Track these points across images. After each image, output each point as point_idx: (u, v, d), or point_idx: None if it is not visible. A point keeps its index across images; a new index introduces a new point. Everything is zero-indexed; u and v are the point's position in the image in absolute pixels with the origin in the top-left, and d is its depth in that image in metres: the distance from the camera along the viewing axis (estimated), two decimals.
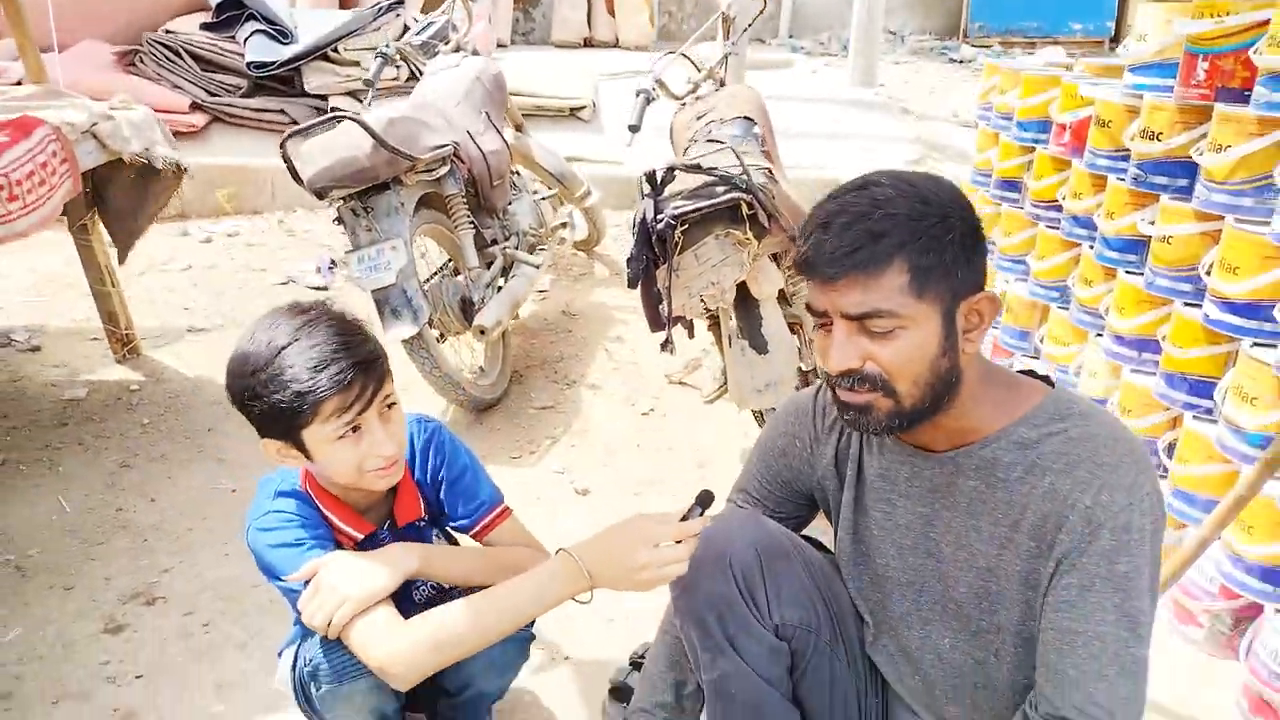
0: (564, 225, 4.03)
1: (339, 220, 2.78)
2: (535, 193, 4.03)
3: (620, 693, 1.83)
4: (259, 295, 4.17)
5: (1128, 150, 2.46)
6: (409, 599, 1.54)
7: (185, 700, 1.88)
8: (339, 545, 1.48)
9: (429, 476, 1.57)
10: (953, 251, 1.16)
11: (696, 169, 2.13)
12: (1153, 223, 2.34)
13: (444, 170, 3.05)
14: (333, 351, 1.35)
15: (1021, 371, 1.32)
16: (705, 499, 1.37)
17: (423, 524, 1.58)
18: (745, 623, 1.33)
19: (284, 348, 1.34)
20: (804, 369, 2.59)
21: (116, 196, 3.02)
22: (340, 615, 1.36)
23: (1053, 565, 1.18)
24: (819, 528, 1.52)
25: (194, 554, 2.34)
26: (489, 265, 3.35)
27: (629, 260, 2.14)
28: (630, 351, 3.70)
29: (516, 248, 3.56)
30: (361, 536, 1.51)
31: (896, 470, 1.32)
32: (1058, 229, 2.87)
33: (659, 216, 2.09)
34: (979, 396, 1.24)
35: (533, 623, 1.53)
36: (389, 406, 1.42)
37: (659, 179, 2.14)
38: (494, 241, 3.49)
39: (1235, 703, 1.96)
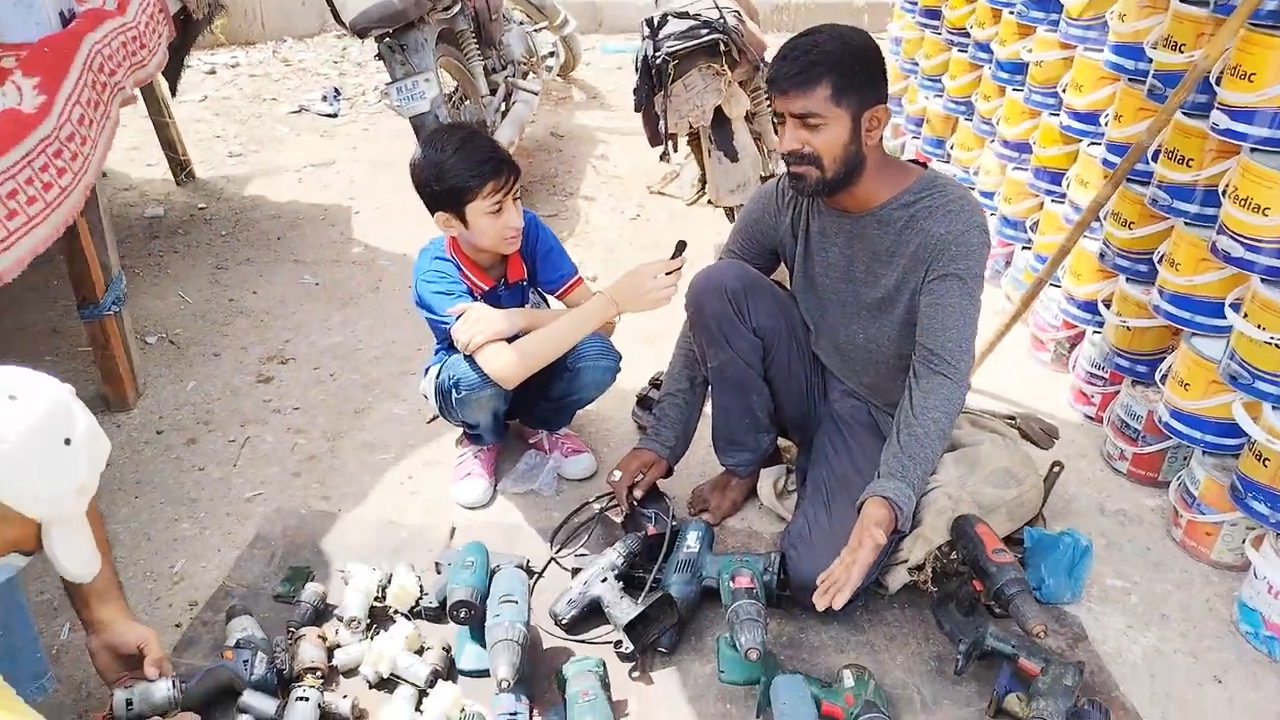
0: (551, 54, 4.54)
1: (379, 56, 3.31)
2: (521, 23, 4.51)
3: (643, 401, 2.64)
4: (278, 122, 4.67)
5: None
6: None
7: (334, 421, 2.64)
8: (472, 294, 2.19)
9: (527, 249, 2.27)
10: (860, 78, 1.84)
11: (685, 15, 2.73)
12: (1031, 50, 3.02)
13: (456, 9, 3.57)
14: (489, 152, 2.04)
15: (911, 160, 2.05)
16: (681, 246, 2.12)
17: (524, 284, 2.30)
18: (735, 327, 2.10)
19: (457, 149, 2.01)
20: (764, 175, 3.29)
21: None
22: (475, 341, 2.08)
23: (923, 273, 1.94)
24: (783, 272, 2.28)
25: (304, 329, 3.05)
26: (494, 92, 3.91)
27: (635, 90, 2.78)
28: (614, 167, 4.35)
29: (514, 76, 4.10)
30: (486, 288, 2.22)
31: (828, 227, 2.06)
32: (966, 53, 3.53)
33: (656, 54, 2.72)
34: (878, 177, 1.96)
35: (619, 357, 2.30)
36: (516, 198, 2.11)
37: (656, 24, 2.75)
38: (493, 70, 4.03)
39: (1066, 399, 2.84)
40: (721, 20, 2.73)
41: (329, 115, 4.77)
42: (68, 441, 1.27)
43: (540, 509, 2.34)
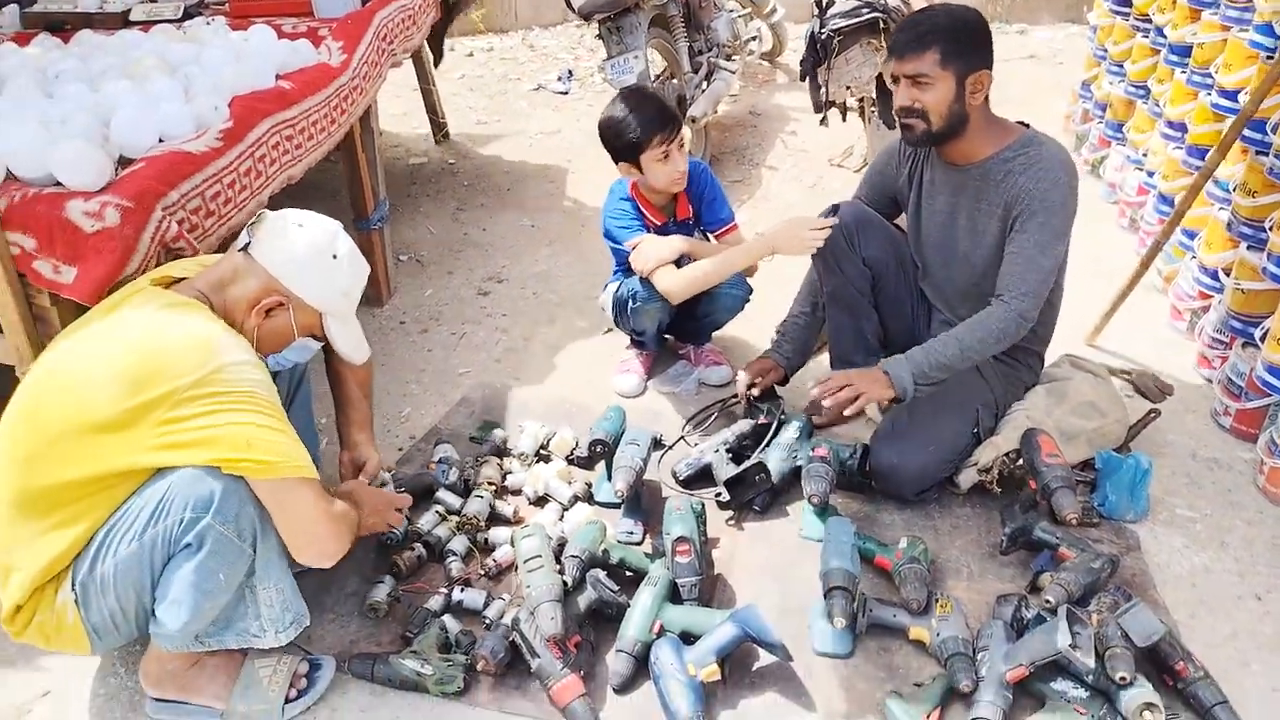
0: (754, 39, 5.00)
1: (599, 36, 3.93)
2: (731, 10, 5.00)
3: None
4: (519, 98, 5.46)
5: None
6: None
7: (530, 326, 3.28)
8: (647, 227, 2.73)
9: (694, 191, 2.77)
10: (965, 46, 2.18)
11: None
12: (1195, 33, 3.13)
13: None
14: (656, 109, 2.57)
15: (1018, 121, 2.35)
16: (834, 209, 2.52)
17: (689, 221, 2.82)
18: (846, 255, 2.49)
19: (633, 110, 2.56)
20: None
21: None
22: (648, 266, 2.62)
23: (1012, 222, 2.26)
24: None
25: (519, 259, 3.73)
26: (697, 70, 4.44)
27: (801, 61, 3.21)
28: (801, 142, 4.75)
29: (716, 57, 4.61)
30: (659, 224, 2.76)
31: (938, 178, 2.41)
32: (1148, 38, 3.64)
33: (822, 30, 3.13)
34: (983, 134, 2.28)
35: (751, 289, 2.77)
36: (680, 146, 2.62)
37: (824, 4, 3.16)
38: (699, 52, 4.56)
39: (1192, 364, 2.96)
40: (883, 2, 3.10)
41: (561, 93, 5.50)
42: (334, 256, 1.89)
43: (680, 404, 2.84)
